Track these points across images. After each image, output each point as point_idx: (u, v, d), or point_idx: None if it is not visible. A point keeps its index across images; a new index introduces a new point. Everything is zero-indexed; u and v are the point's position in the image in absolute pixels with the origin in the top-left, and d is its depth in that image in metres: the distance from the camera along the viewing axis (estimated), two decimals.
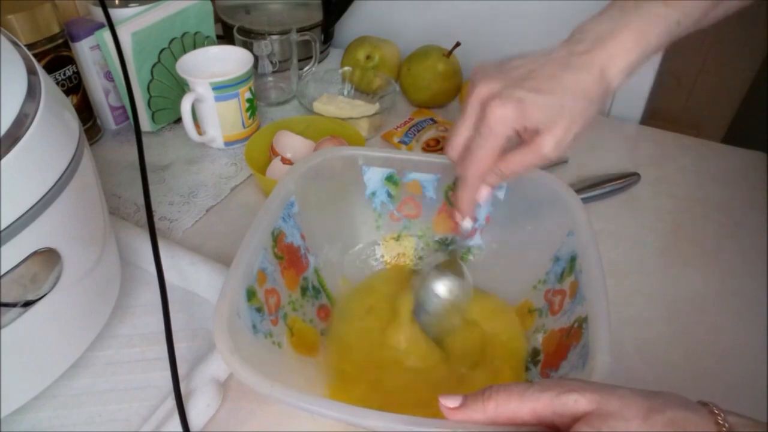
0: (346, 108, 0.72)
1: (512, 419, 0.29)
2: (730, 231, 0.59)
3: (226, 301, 0.37)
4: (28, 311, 0.36)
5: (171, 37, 0.67)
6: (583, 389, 0.28)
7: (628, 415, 0.26)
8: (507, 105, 0.37)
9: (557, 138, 0.38)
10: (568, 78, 0.38)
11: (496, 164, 0.40)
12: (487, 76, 0.40)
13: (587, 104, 0.39)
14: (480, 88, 0.39)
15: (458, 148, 0.42)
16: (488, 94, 0.39)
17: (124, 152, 0.70)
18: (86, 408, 0.43)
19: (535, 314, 0.45)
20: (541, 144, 0.39)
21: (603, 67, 0.39)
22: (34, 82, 0.36)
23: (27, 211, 0.33)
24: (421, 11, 0.84)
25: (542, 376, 0.41)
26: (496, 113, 0.38)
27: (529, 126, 0.38)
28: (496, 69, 0.40)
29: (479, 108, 0.39)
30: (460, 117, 0.41)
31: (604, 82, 0.39)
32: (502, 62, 0.41)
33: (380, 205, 0.52)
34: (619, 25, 0.39)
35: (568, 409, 0.28)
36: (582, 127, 0.39)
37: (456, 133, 0.42)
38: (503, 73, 0.40)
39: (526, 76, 0.39)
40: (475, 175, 0.41)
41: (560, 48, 0.40)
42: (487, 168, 0.40)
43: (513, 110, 0.37)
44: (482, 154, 0.40)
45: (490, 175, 0.41)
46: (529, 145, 0.39)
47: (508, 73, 0.39)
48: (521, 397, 0.29)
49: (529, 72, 0.39)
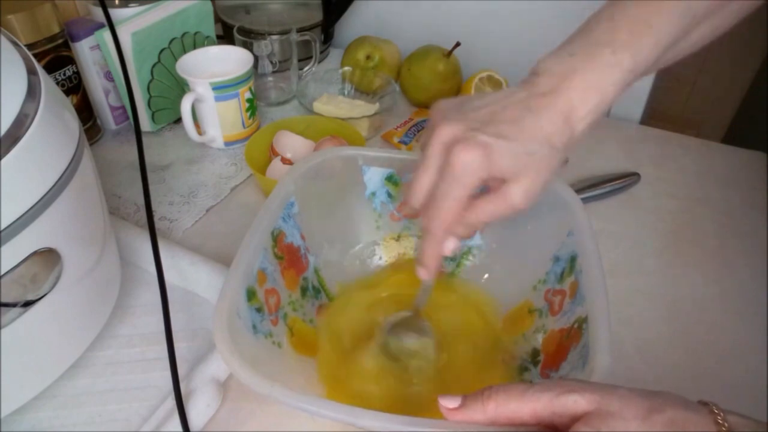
0: (346, 108, 0.72)
1: (512, 420, 0.29)
2: (730, 231, 0.59)
3: (226, 301, 0.37)
4: (28, 311, 0.36)
5: (171, 37, 0.67)
6: (582, 390, 0.28)
7: (628, 415, 0.26)
8: (472, 150, 0.34)
9: (526, 187, 0.35)
10: (531, 123, 0.36)
11: (462, 214, 0.37)
12: (448, 118, 0.37)
13: (553, 152, 0.36)
14: (441, 131, 0.36)
15: (421, 197, 0.38)
16: (451, 138, 0.36)
17: (124, 152, 0.70)
18: (86, 408, 0.43)
19: (535, 314, 0.45)
20: (510, 194, 0.36)
21: (567, 112, 0.36)
22: (34, 82, 0.36)
23: (27, 211, 0.33)
24: (421, 11, 0.84)
25: (542, 376, 0.41)
26: (461, 158, 0.35)
27: (495, 174, 0.35)
28: (456, 110, 0.38)
29: (443, 152, 0.36)
30: (421, 162, 0.38)
31: (569, 128, 0.36)
32: (461, 102, 0.38)
33: (380, 205, 0.52)
34: (573, 71, 0.36)
35: (567, 410, 0.28)
36: (549, 176, 0.36)
37: (418, 179, 0.38)
38: (464, 114, 0.37)
39: (488, 120, 0.36)
40: (440, 226, 0.37)
41: (520, 89, 0.38)
42: (453, 218, 0.37)
43: (479, 156, 0.34)
44: (448, 204, 0.36)
45: (456, 226, 0.37)
46: (497, 194, 0.36)
47: (469, 115, 0.37)
48: (521, 398, 0.29)
49: (491, 114, 0.36)
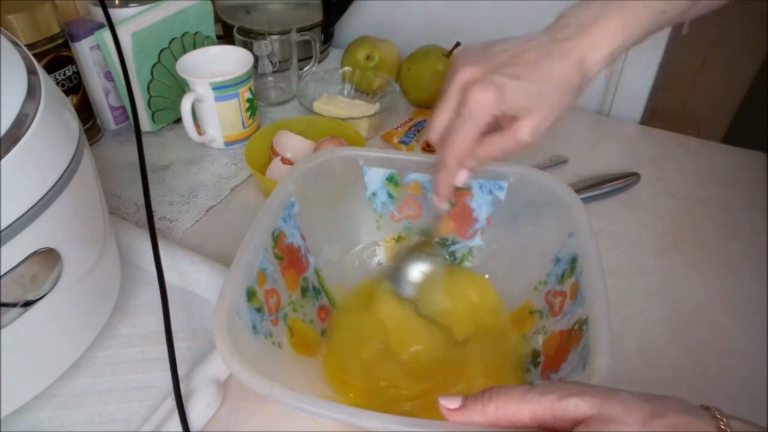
0: (346, 108, 0.72)
1: (512, 422, 0.29)
2: (730, 231, 0.59)
3: (226, 301, 0.37)
4: (28, 311, 0.36)
5: (171, 37, 0.67)
6: (583, 393, 0.28)
7: (629, 419, 0.26)
8: (487, 90, 0.38)
9: (534, 124, 0.39)
10: (548, 65, 0.39)
11: (474, 148, 0.41)
12: (470, 61, 0.40)
13: (565, 92, 0.39)
14: (462, 73, 0.40)
15: (438, 131, 0.42)
16: (469, 79, 0.39)
17: (124, 152, 0.70)
18: (86, 408, 0.43)
19: (535, 315, 0.45)
20: (518, 130, 0.39)
21: (583, 56, 0.39)
22: (34, 82, 0.36)
23: (27, 211, 0.33)
24: (421, 11, 0.84)
25: (542, 377, 0.41)
26: (476, 98, 0.38)
27: (507, 112, 0.39)
28: (479, 53, 0.41)
29: (460, 92, 0.40)
30: (441, 100, 0.41)
31: (582, 71, 0.40)
32: (485, 46, 0.41)
33: (381, 205, 0.52)
34: (603, 13, 0.39)
35: (568, 414, 0.28)
36: (559, 114, 0.40)
37: (437, 116, 0.42)
38: (485, 58, 0.40)
39: (507, 62, 0.39)
40: (453, 158, 0.41)
41: (543, 34, 0.41)
42: (465, 151, 0.40)
43: (493, 95, 0.38)
44: (461, 138, 0.40)
45: (468, 159, 0.41)
46: (507, 131, 0.40)
47: (490, 58, 0.40)
48: (521, 400, 0.29)
49: (511, 57, 0.39)
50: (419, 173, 0.50)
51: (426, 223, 0.50)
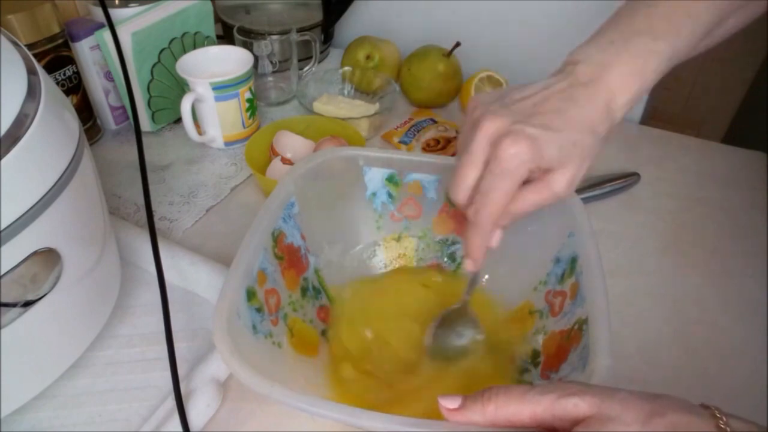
0: (346, 108, 0.72)
1: (512, 422, 0.29)
2: (730, 231, 0.59)
3: (226, 301, 0.37)
4: (28, 311, 0.36)
5: (171, 37, 0.67)
6: (583, 393, 0.28)
7: (629, 419, 0.26)
8: (521, 143, 0.35)
9: (570, 176, 0.37)
10: (575, 113, 0.37)
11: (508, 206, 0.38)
12: (492, 112, 0.37)
13: (595, 140, 0.37)
14: (486, 125, 0.37)
15: (466, 191, 0.39)
16: (497, 131, 0.36)
17: (124, 152, 0.70)
18: (86, 408, 0.43)
19: (535, 316, 0.45)
20: (554, 182, 0.37)
21: (609, 99, 0.37)
22: (34, 82, 0.36)
23: (27, 211, 0.33)
24: (421, 11, 0.84)
25: (542, 377, 0.41)
26: (510, 151, 0.35)
27: (542, 165, 0.36)
28: (498, 103, 0.38)
29: (488, 146, 0.37)
30: (465, 156, 0.38)
31: (609, 116, 0.38)
32: (501, 95, 0.39)
33: (381, 205, 0.52)
34: (618, 54, 0.38)
35: (568, 413, 0.28)
36: (591, 163, 0.38)
37: (463, 174, 0.38)
38: (506, 108, 0.38)
39: (533, 111, 0.37)
40: (489, 219, 0.38)
41: (560, 78, 0.39)
42: (501, 211, 0.38)
43: (527, 148, 0.35)
44: (497, 197, 0.37)
45: (502, 218, 0.38)
46: (541, 184, 0.37)
47: (512, 108, 0.37)
48: (521, 400, 0.29)
49: (534, 106, 0.37)
50: (419, 173, 0.50)
51: (462, 290, 0.47)
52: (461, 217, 0.51)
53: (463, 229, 0.41)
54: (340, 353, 0.45)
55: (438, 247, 0.53)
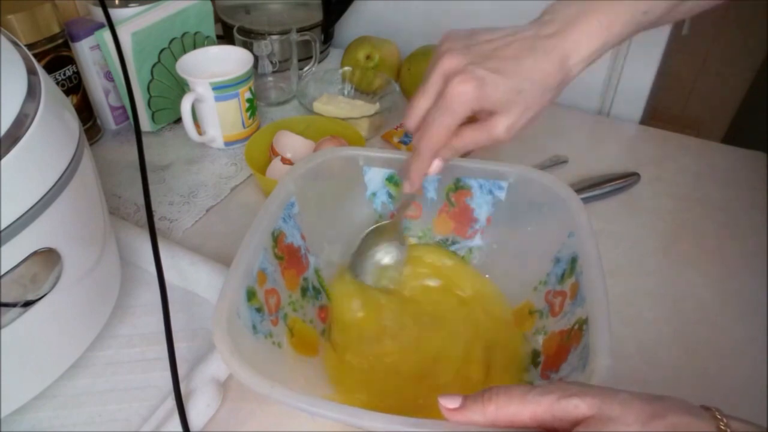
0: (346, 108, 0.72)
1: (512, 422, 0.29)
2: (730, 231, 0.59)
3: (225, 301, 0.37)
4: (28, 311, 0.36)
5: (171, 37, 0.67)
6: (583, 394, 0.28)
7: (629, 420, 0.26)
8: (468, 83, 0.38)
9: (510, 122, 0.39)
10: (530, 62, 0.39)
11: (450, 139, 0.41)
12: (454, 50, 0.40)
13: (544, 91, 0.39)
14: (444, 61, 0.40)
15: (416, 119, 0.42)
16: (451, 69, 0.39)
17: (124, 152, 0.70)
18: (86, 408, 0.43)
19: (535, 316, 0.45)
20: (494, 125, 0.39)
21: (565, 54, 0.39)
22: (34, 82, 0.36)
23: (27, 211, 0.33)
24: (421, 11, 0.84)
25: (542, 377, 0.41)
26: (456, 89, 0.38)
27: (486, 107, 0.39)
28: (464, 41, 0.41)
29: (441, 81, 0.40)
30: (421, 86, 0.41)
31: (563, 70, 0.40)
32: (471, 33, 0.41)
33: (381, 205, 0.52)
34: (586, 11, 0.39)
35: (568, 414, 0.28)
36: (536, 113, 0.40)
37: (415, 104, 0.42)
38: (468, 48, 0.40)
39: (490, 54, 0.39)
40: (428, 148, 0.41)
41: (529, 28, 0.41)
42: (441, 142, 0.41)
43: (473, 88, 0.38)
44: (438, 129, 0.40)
45: (443, 150, 0.41)
46: (482, 125, 0.40)
47: (473, 48, 0.40)
48: (521, 401, 0.29)
49: (494, 50, 0.39)
50: None
51: (395, 209, 0.50)
52: (460, 217, 0.51)
53: (456, 223, 0.44)
54: (338, 351, 0.45)
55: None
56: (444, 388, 0.43)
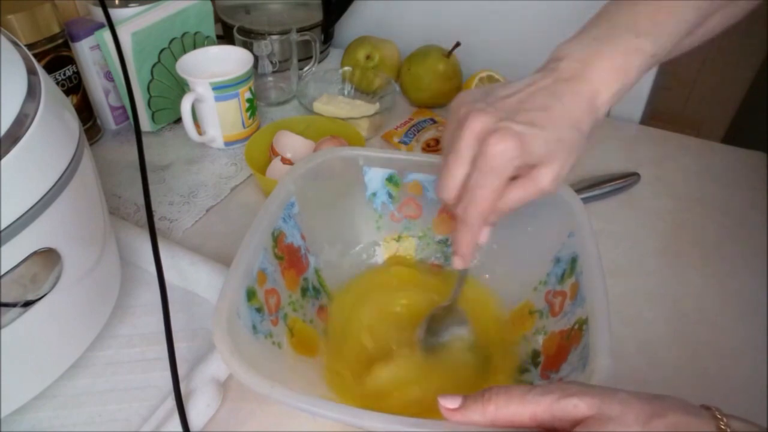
0: (346, 108, 0.72)
1: (512, 422, 0.29)
2: (730, 231, 0.59)
3: (225, 301, 0.37)
4: (28, 311, 0.36)
5: (171, 37, 0.67)
6: (583, 393, 0.28)
7: (629, 419, 0.26)
8: (508, 140, 0.35)
9: (556, 172, 0.37)
10: (560, 109, 0.37)
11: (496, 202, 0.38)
12: (478, 110, 0.37)
13: (580, 136, 0.38)
14: (473, 123, 0.37)
15: (455, 189, 0.39)
16: (483, 129, 0.37)
17: (124, 152, 0.70)
18: (86, 408, 0.43)
19: (535, 316, 0.45)
20: (540, 178, 0.37)
21: (592, 95, 0.38)
22: (34, 82, 0.36)
23: (27, 211, 0.33)
24: (421, 11, 0.84)
25: (542, 377, 0.41)
26: (497, 148, 0.36)
27: (528, 161, 0.37)
28: (483, 101, 0.39)
29: (475, 143, 0.37)
30: (452, 155, 0.38)
31: (593, 112, 0.38)
32: (486, 92, 0.39)
33: (381, 205, 0.52)
34: (596, 56, 0.38)
35: (568, 414, 0.28)
36: (576, 159, 0.38)
37: (450, 173, 0.38)
38: (492, 105, 0.38)
39: (517, 108, 0.37)
40: (477, 216, 0.38)
41: (544, 75, 0.39)
42: (490, 207, 0.38)
43: (514, 145, 0.35)
44: (485, 193, 0.37)
45: (490, 214, 0.39)
46: (527, 180, 0.38)
47: (497, 105, 0.38)
48: (521, 401, 0.29)
49: (519, 103, 0.38)
50: (419, 173, 0.50)
51: (450, 290, 0.47)
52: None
53: (454, 228, 0.41)
54: (338, 354, 0.45)
55: (438, 247, 0.53)
56: (443, 389, 0.43)
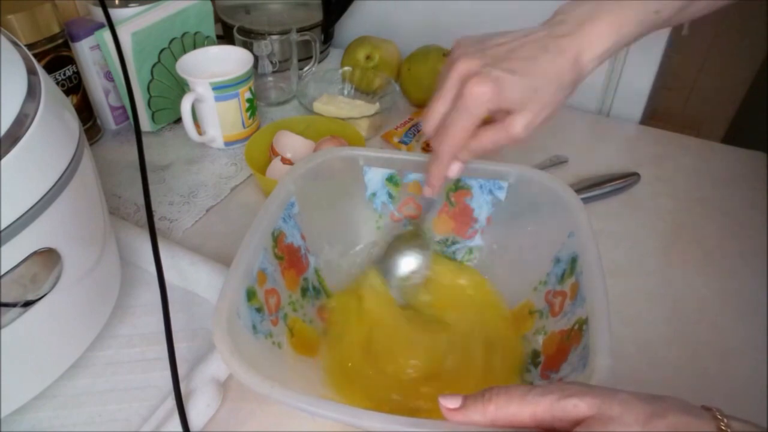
0: (346, 108, 0.72)
1: (512, 422, 0.29)
2: (730, 231, 0.59)
3: (225, 301, 0.37)
4: (28, 311, 0.36)
5: (171, 37, 0.67)
6: (583, 394, 0.28)
7: (629, 419, 0.26)
8: (484, 84, 0.38)
9: (528, 120, 0.40)
10: (544, 61, 0.40)
11: (468, 141, 0.41)
12: (468, 53, 0.40)
13: (559, 89, 0.40)
14: (459, 65, 0.40)
15: (434, 123, 0.42)
16: (467, 72, 0.40)
17: (124, 152, 0.70)
18: (86, 408, 0.43)
19: (535, 315, 0.45)
20: (512, 124, 0.40)
21: (578, 53, 0.40)
22: (34, 82, 0.36)
23: (27, 211, 0.33)
24: (421, 11, 0.84)
25: (542, 377, 0.41)
26: (473, 91, 0.39)
27: (503, 106, 0.40)
28: (477, 45, 0.41)
29: (458, 84, 0.40)
30: (437, 91, 0.42)
31: (577, 68, 0.40)
32: (483, 38, 0.42)
33: (381, 205, 0.52)
34: (599, 11, 0.40)
35: (568, 414, 0.28)
36: (552, 111, 0.41)
37: (433, 108, 0.42)
38: (483, 51, 0.41)
39: (504, 56, 0.40)
40: (448, 150, 0.42)
41: (541, 29, 0.42)
42: (460, 144, 0.41)
43: (490, 89, 0.38)
44: (457, 131, 0.40)
45: (462, 152, 0.42)
46: (500, 124, 0.40)
47: (488, 51, 0.41)
48: (521, 401, 0.29)
49: (508, 51, 0.40)
50: (419, 173, 0.50)
51: (419, 215, 0.51)
52: (460, 217, 0.51)
53: (456, 223, 0.45)
54: (338, 352, 0.45)
55: (437, 246, 0.53)
56: (443, 389, 0.43)
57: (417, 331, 0.47)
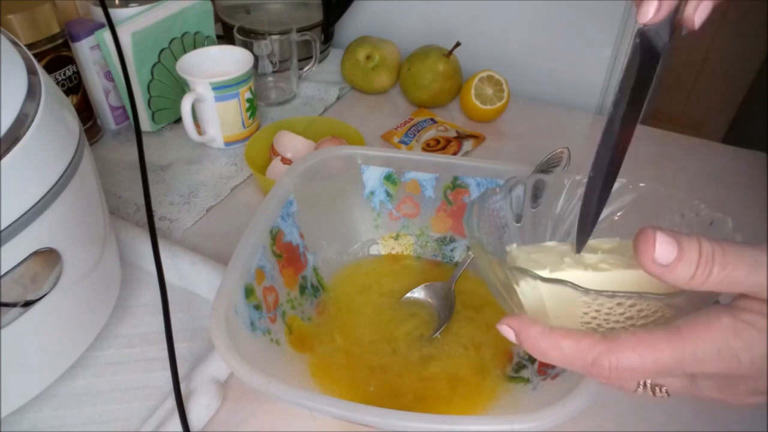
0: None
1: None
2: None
3: (223, 297, 0.37)
4: (28, 311, 0.36)
5: (171, 37, 0.67)
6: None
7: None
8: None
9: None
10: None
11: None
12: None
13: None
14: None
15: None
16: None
17: (124, 152, 0.70)
18: (86, 408, 0.43)
19: None
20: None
21: None
22: (34, 82, 0.36)
23: (27, 211, 0.33)
24: (421, 11, 0.84)
25: (539, 374, 0.41)
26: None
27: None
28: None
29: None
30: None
31: None
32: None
33: (379, 204, 0.52)
34: None
35: None
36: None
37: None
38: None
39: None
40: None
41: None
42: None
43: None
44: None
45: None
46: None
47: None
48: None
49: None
50: (417, 172, 0.50)
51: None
52: (458, 216, 0.51)
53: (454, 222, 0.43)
54: (332, 348, 0.45)
55: (436, 245, 0.53)
56: (431, 384, 0.43)
57: (406, 327, 0.47)
